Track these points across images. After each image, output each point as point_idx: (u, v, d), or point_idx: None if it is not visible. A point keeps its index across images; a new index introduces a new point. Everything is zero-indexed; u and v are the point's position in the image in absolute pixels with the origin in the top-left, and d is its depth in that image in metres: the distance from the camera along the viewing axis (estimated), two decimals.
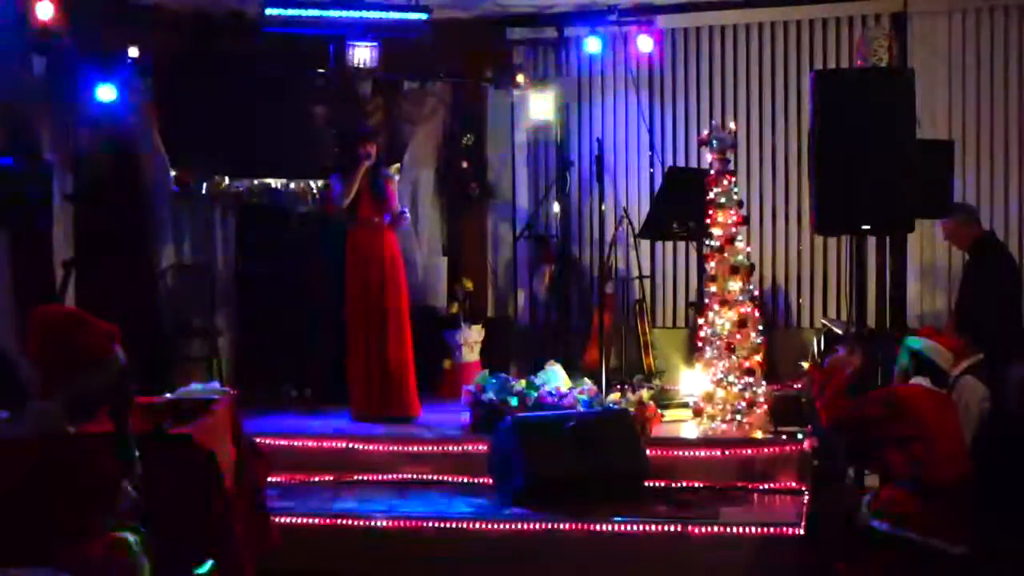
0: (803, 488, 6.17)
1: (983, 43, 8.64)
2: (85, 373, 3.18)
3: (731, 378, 6.78)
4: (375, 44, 8.12)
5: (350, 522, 5.96)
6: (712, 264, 6.96)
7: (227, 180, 8.69)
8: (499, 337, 9.06)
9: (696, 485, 6.38)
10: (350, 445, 6.87)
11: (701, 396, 6.87)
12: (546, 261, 9.22)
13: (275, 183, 8.83)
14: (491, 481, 6.36)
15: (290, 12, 8.05)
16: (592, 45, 8.83)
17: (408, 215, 7.68)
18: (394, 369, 7.41)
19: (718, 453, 6.50)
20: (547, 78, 9.26)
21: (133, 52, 7.97)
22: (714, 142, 7.02)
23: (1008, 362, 6.24)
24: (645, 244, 9.04)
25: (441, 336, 8.71)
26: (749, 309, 6.88)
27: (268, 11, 7.98)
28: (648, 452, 6.38)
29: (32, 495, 3.08)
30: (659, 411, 7.01)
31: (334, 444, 6.89)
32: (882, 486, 5.15)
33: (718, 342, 6.84)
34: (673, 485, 6.37)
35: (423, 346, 7.93)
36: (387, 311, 7.43)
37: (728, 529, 5.66)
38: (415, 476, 6.71)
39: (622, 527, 5.71)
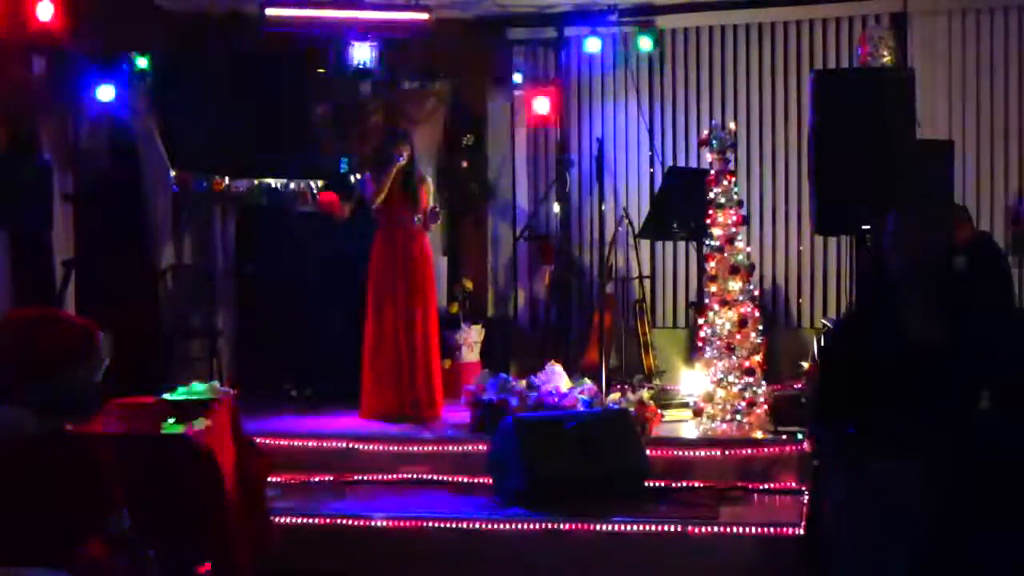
0: (803, 488, 6.17)
1: (983, 43, 8.64)
2: (51, 375, 3.16)
3: (731, 378, 6.78)
4: (375, 44, 8.12)
5: (350, 522, 5.96)
6: (712, 264, 6.97)
7: (227, 180, 8.70)
8: (499, 337, 9.07)
9: (696, 485, 6.38)
10: (350, 445, 6.87)
11: (701, 396, 6.88)
12: (546, 261, 9.22)
13: (275, 183, 8.83)
14: (491, 481, 6.36)
15: (290, 12, 8.05)
16: (592, 45, 8.83)
17: (439, 214, 7.67)
18: (425, 370, 7.43)
19: (718, 453, 6.50)
20: (547, 78, 9.26)
21: (133, 52, 7.98)
22: (714, 142, 7.03)
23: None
24: (645, 244, 9.04)
25: (441, 336, 8.72)
26: (749, 309, 6.88)
27: (267, 11, 7.98)
28: (648, 452, 6.38)
29: (31, 495, 3.07)
30: (659, 411, 7.01)
31: (334, 444, 6.89)
32: None
33: (718, 342, 6.85)
34: (673, 485, 6.37)
35: None
36: (419, 311, 7.44)
37: (728, 529, 5.66)
38: (415, 476, 6.71)
39: (622, 527, 5.71)
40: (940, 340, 3.18)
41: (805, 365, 7.19)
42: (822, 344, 3.60)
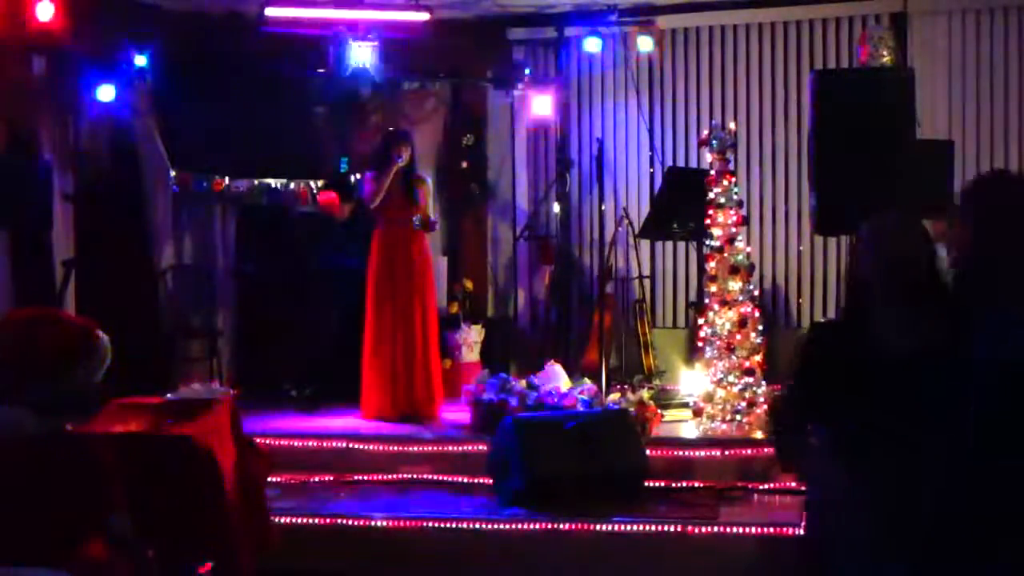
0: (803, 488, 6.16)
1: (983, 43, 8.64)
2: (51, 375, 3.15)
3: (731, 378, 6.78)
4: (375, 44, 8.12)
5: (350, 522, 5.96)
6: (712, 264, 6.97)
7: (227, 180, 8.70)
8: (499, 337, 9.07)
9: (696, 485, 6.38)
10: (350, 445, 6.87)
11: (701, 396, 6.87)
12: (546, 261, 9.22)
13: (275, 183, 8.84)
14: (491, 481, 6.36)
15: (290, 12, 8.05)
16: (592, 45, 8.82)
17: (435, 223, 7.68)
18: (425, 370, 7.44)
19: (718, 453, 6.50)
20: (547, 78, 9.26)
21: (133, 52, 7.98)
22: (714, 142, 7.03)
23: None
24: (645, 244, 9.04)
25: (441, 336, 8.72)
26: (749, 309, 6.89)
27: (267, 11, 7.98)
28: (648, 452, 6.38)
29: (31, 495, 3.07)
30: (659, 411, 7.01)
31: (334, 444, 6.90)
32: None
33: (718, 342, 6.85)
34: (673, 485, 6.37)
35: None
36: (419, 311, 7.45)
37: (728, 529, 5.66)
38: (415, 476, 6.71)
39: (622, 527, 5.71)
40: (923, 345, 3.17)
41: None
42: (812, 338, 3.57)
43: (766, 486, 6.33)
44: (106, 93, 7.82)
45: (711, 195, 6.98)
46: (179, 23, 8.56)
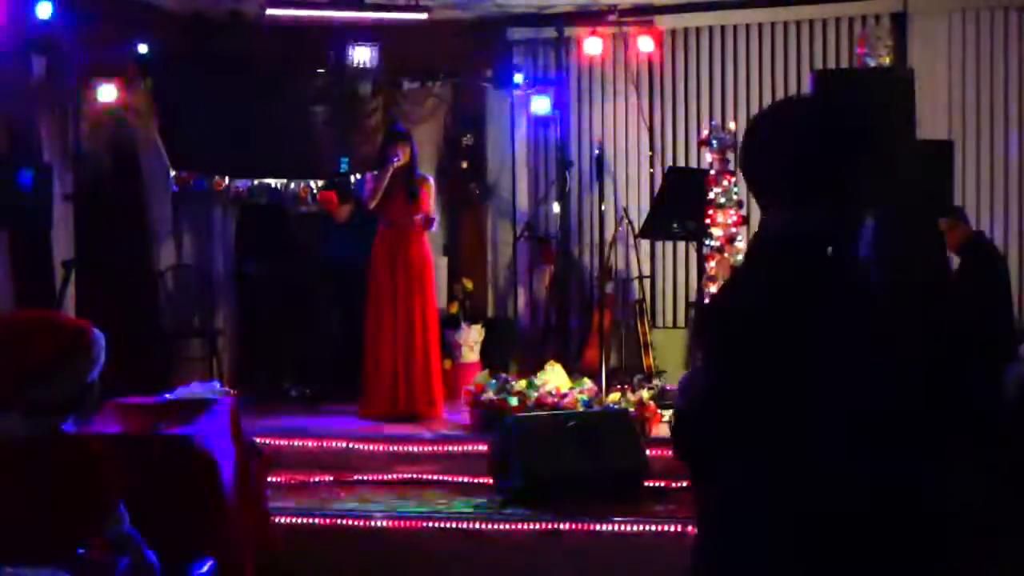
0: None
1: (983, 43, 8.64)
2: (47, 377, 3.14)
3: None
4: (375, 44, 8.13)
5: (350, 522, 5.96)
6: (712, 264, 6.97)
7: (227, 180, 8.70)
8: (499, 337, 9.07)
9: None
10: (350, 445, 6.87)
11: None
12: (546, 261, 9.22)
13: (275, 183, 8.84)
14: (491, 481, 6.36)
15: (290, 12, 8.06)
16: (592, 45, 8.83)
17: (433, 220, 7.66)
18: (425, 370, 7.45)
19: None
20: (547, 78, 9.25)
21: (133, 52, 7.98)
22: (714, 142, 7.04)
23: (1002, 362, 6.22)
24: (645, 244, 9.04)
25: (441, 336, 8.73)
26: None
27: (268, 11, 7.99)
28: (648, 452, 6.38)
29: (29, 496, 3.07)
30: (659, 411, 7.01)
31: (334, 444, 6.89)
32: None
33: None
34: (673, 485, 6.37)
35: None
36: (419, 311, 7.45)
37: None
38: (415, 476, 6.71)
39: (622, 527, 5.71)
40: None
41: None
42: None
43: None
44: (106, 93, 7.82)
45: (711, 195, 6.98)
46: (179, 23, 8.57)
